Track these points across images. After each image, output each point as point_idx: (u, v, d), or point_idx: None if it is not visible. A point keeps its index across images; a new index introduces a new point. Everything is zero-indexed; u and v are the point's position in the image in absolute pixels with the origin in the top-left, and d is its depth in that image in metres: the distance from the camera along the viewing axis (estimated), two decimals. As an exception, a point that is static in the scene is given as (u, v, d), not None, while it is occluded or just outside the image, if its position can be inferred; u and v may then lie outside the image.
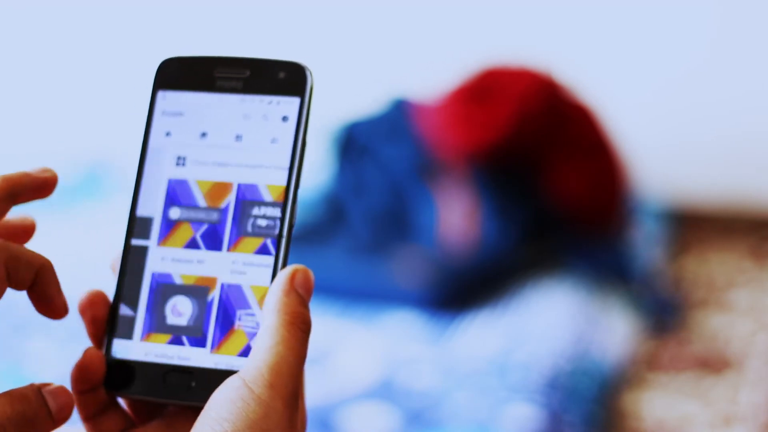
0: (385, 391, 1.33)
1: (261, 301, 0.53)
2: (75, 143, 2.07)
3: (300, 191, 0.53)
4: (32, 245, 0.57)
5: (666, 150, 2.06)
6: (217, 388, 0.49)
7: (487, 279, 1.64)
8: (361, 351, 1.44)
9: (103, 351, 0.55)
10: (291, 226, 0.53)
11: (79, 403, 0.54)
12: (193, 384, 0.53)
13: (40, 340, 1.46)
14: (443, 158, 1.72)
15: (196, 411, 0.50)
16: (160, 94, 0.57)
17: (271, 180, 0.54)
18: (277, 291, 0.52)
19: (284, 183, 0.54)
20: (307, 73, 0.55)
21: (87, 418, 0.54)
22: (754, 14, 2.02)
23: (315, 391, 1.33)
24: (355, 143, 1.81)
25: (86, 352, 0.54)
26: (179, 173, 0.56)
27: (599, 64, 2.01)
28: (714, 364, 1.57)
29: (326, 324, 1.52)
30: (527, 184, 1.73)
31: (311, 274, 0.53)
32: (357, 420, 1.28)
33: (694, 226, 2.03)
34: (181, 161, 0.56)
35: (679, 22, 2.03)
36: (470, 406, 1.31)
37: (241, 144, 0.55)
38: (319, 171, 1.87)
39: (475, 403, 1.32)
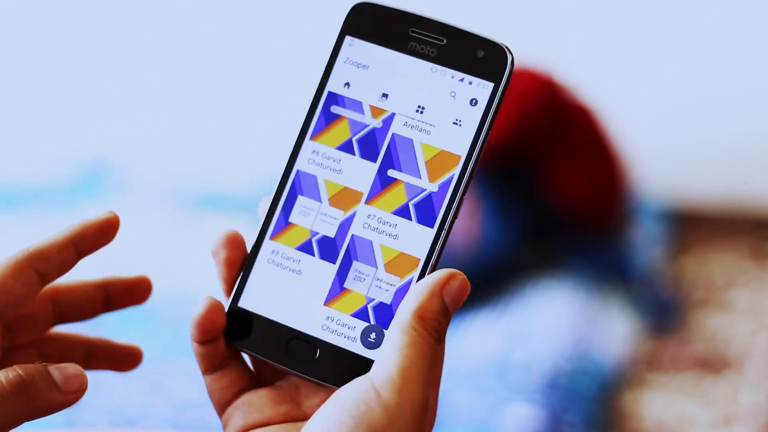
0: (385, 391, 1.33)
1: (389, 265, 0.51)
2: (75, 143, 2.07)
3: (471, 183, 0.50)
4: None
5: (666, 150, 2.06)
6: (343, 387, 0.47)
7: (487, 279, 1.63)
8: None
9: (231, 298, 0.52)
10: (455, 216, 0.51)
11: (198, 354, 0.51)
12: (316, 357, 0.50)
13: (40, 340, 1.46)
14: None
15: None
16: (348, 39, 0.53)
17: None
18: (421, 291, 0.48)
19: (458, 170, 0.51)
20: (509, 58, 0.52)
21: (206, 371, 0.52)
22: (754, 14, 2.02)
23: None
24: (355, 143, 1.81)
25: (205, 302, 0.51)
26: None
27: (599, 64, 2.01)
28: (714, 364, 1.57)
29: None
30: (527, 184, 1.73)
31: (468, 286, 0.49)
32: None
33: (694, 226, 2.02)
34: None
35: (680, 22, 2.03)
36: (470, 406, 1.31)
37: (421, 116, 0.52)
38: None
39: (475, 403, 1.31)
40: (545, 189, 1.72)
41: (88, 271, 0.58)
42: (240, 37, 2.12)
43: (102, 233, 0.53)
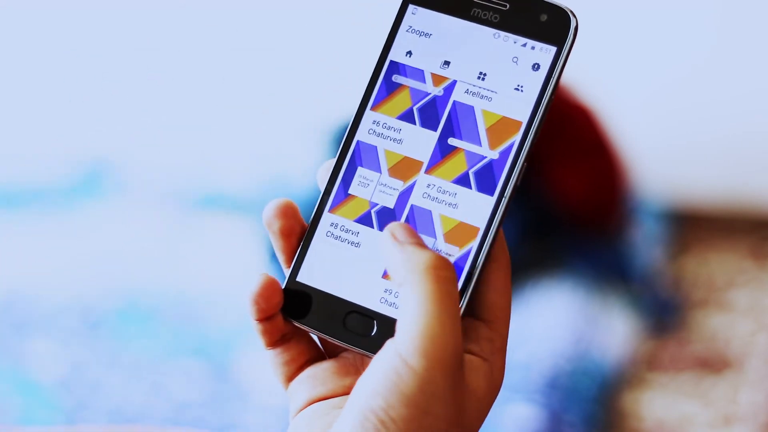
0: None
1: (448, 235, 0.50)
2: (75, 143, 2.07)
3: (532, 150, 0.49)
4: (34, 246, 0.55)
5: (666, 150, 2.06)
6: (377, 354, 0.45)
7: (487, 279, 1.63)
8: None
9: (289, 273, 0.51)
10: (516, 186, 0.50)
11: (258, 330, 0.50)
12: (374, 331, 0.49)
13: (40, 340, 1.46)
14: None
15: None
16: (411, 8, 0.53)
17: None
18: (405, 243, 0.47)
19: (519, 136, 0.50)
20: (572, 21, 0.51)
21: (269, 346, 0.51)
22: (754, 14, 2.02)
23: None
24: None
25: (261, 279, 0.49)
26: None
27: (599, 64, 2.01)
28: (714, 364, 1.57)
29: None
30: (527, 184, 1.72)
31: None
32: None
33: (694, 226, 2.02)
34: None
35: (680, 22, 2.03)
36: (470, 406, 1.31)
37: (482, 83, 0.51)
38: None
39: (475, 403, 1.31)
40: (545, 189, 1.72)
41: (89, 270, 0.58)
42: (239, 37, 2.12)
43: None
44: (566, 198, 1.71)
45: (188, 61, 2.12)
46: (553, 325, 1.50)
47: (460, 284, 0.49)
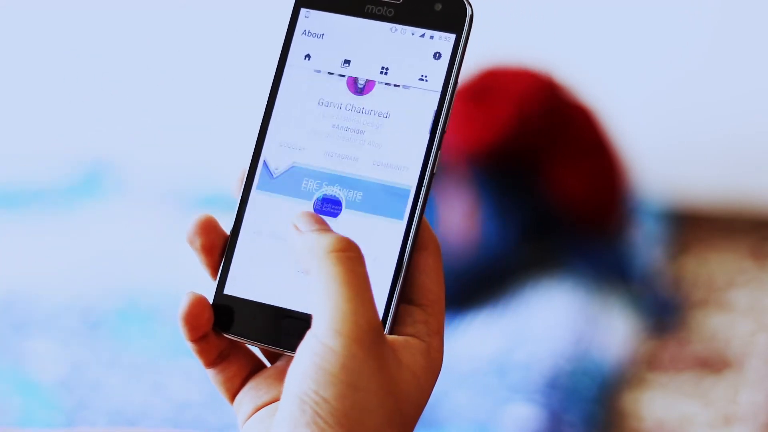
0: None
1: None
2: (75, 143, 2.07)
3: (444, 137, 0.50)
4: (34, 246, 0.55)
5: (666, 150, 2.06)
6: (299, 345, 0.45)
7: (487, 279, 1.63)
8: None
9: (215, 287, 0.51)
10: (432, 172, 0.50)
11: (195, 350, 0.50)
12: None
13: (40, 339, 1.46)
14: (443, 158, 1.72)
15: None
16: (303, 12, 0.53)
17: None
18: (306, 231, 0.47)
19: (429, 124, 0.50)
20: (468, 9, 0.51)
21: (208, 366, 0.50)
22: (754, 14, 2.02)
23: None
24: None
25: (187, 298, 0.50)
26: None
27: (599, 64, 2.01)
28: (714, 364, 1.57)
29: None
30: (527, 184, 1.73)
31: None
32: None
33: (694, 226, 2.02)
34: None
35: (679, 21, 2.03)
36: (470, 406, 1.31)
37: (386, 77, 0.51)
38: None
39: (475, 403, 1.31)
40: (545, 189, 1.72)
41: (89, 270, 0.58)
42: (239, 37, 2.13)
43: None
44: (566, 198, 1.71)
45: (188, 62, 2.12)
46: (553, 325, 1.50)
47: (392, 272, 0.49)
